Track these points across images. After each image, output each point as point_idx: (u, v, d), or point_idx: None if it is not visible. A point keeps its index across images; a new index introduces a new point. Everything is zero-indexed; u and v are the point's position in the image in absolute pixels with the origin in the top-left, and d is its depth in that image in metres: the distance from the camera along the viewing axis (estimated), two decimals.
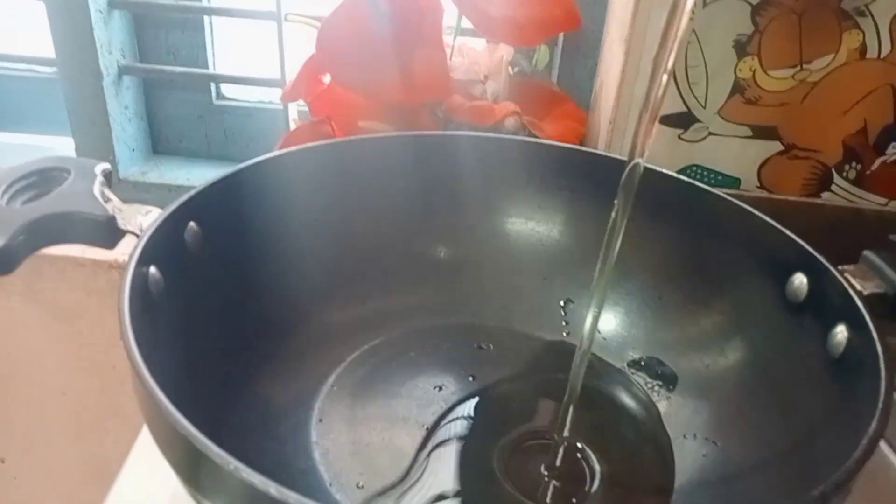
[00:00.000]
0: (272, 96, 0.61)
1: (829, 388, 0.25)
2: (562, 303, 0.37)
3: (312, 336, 0.33)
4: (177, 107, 0.60)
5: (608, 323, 0.36)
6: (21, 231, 0.24)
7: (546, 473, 0.29)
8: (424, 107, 0.46)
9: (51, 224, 0.25)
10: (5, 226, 0.24)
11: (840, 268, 0.27)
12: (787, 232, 0.29)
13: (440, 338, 0.36)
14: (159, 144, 0.62)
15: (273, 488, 0.16)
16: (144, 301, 0.24)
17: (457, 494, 0.28)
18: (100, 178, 0.27)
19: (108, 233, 0.26)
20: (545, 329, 0.37)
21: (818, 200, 0.47)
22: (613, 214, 0.25)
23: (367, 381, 0.33)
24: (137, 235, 0.25)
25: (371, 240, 0.37)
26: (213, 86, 0.60)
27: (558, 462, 0.29)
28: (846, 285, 0.25)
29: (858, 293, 0.25)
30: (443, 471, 0.29)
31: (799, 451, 0.25)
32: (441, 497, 0.28)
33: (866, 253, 0.27)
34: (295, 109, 0.56)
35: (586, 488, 0.28)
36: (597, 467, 0.29)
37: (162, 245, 0.26)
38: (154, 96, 0.60)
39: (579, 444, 0.30)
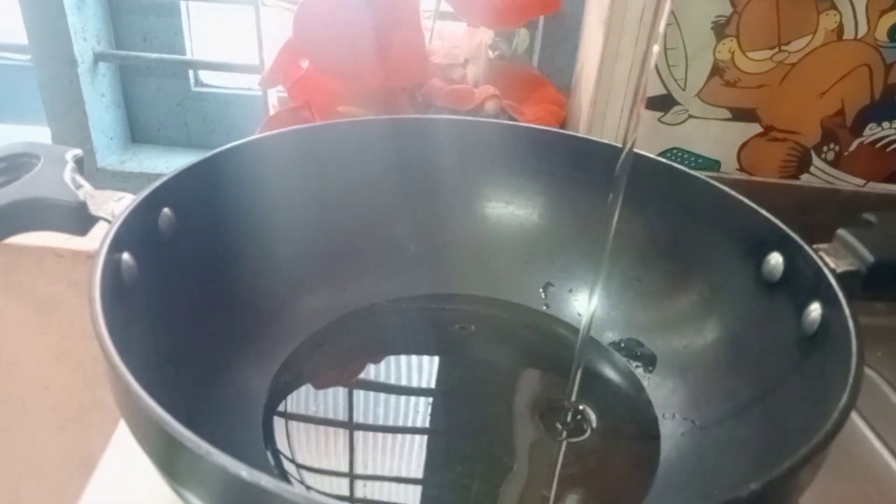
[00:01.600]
0: (251, 83, 0.60)
1: (804, 365, 0.25)
2: (542, 286, 0.37)
3: (291, 322, 0.33)
4: (155, 94, 0.60)
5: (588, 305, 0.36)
6: None
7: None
8: (403, 91, 0.45)
9: (20, 210, 0.25)
10: None
11: (814, 246, 0.27)
12: (763, 212, 0.29)
13: (421, 322, 0.36)
14: (137, 133, 0.61)
15: (245, 471, 0.16)
16: (117, 288, 0.24)
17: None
18: (71, 165, 0.26)
19: (80, 219, 0.26)
20: (525, 311, 0.37)
21: (797, 182, 0.47)
22: (610, 201, 0.25)
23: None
24: (110, 222, 0.25)
25: (349, 225, 0.36)
26: (191, 73, 0.59)
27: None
28: (820, 263, 0.26)
29: (832, 271, 0.25)
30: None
31: (775, 427, 0.25)
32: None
33: (840, 231, 0.27)
34: (275, 96, 0.55)
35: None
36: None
37: (135, 231, 0.25)
38: (131, 83, 0.59)
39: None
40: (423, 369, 0.34)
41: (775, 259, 0.28)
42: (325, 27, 0.41)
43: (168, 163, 0.59)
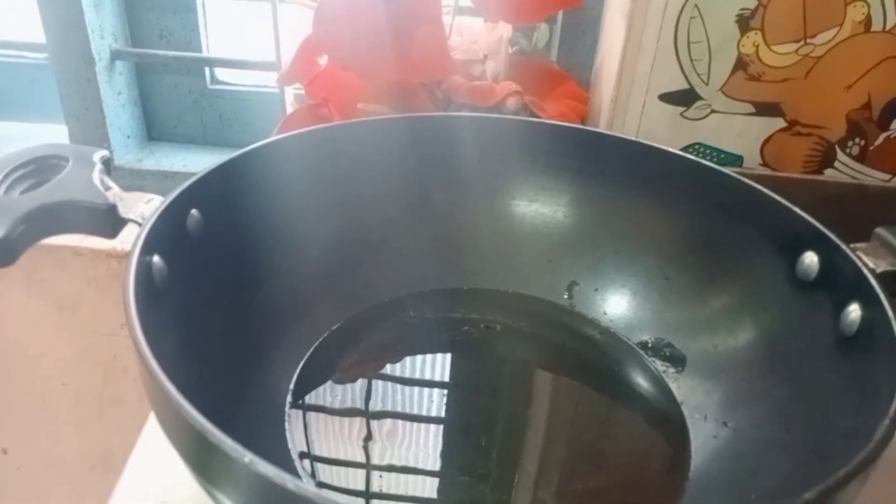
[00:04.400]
0: (268, 80, 0.60)
1: (843, 367, 0.25)
2: (566, 285, 0.37)
3: (318, 322, 0.33)
4: (171, 92, 0.59)
5: (615, 305, 0.35)
6: (21, 221, 0.23)
7: None
8: (423, 88, 0.45)
9: (51, 214, 0.25)
10: (4, 216, 0.23)
11: (852, 245, 0.26)
12: (798, 210, 0.29)
13: (447, 322, 0.36)
14: (154, 130, 0.61)
15: (290, 482, 0.15)
16: (149, 290, 0.23)
17: None
18: (99, 166, 0.26)
19: (110, 222, 0.25)
20: (550, 309, 0.36)
21: (821, 177, 0.46)
22: None
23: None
24: (139, 224, 0.25)
25: (373, 225, 0.36)
26: (207, 70, 0.59)
27: None
28: (859, 263, 0.25)
29: (871, 271, 0.25)
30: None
31: (813, 431, 0.25)
32: None
33: (879, 230, 0.26)
34: (291, 93, 0.55)
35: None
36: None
37: (164, 233, 0.25)
38: (147, 81, 0.59)
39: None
40: (446, 367, 0.34)
41: (810, 258, 0.28)
42: (346, 22, 0.41)
43: (185, 161, 0.59)
